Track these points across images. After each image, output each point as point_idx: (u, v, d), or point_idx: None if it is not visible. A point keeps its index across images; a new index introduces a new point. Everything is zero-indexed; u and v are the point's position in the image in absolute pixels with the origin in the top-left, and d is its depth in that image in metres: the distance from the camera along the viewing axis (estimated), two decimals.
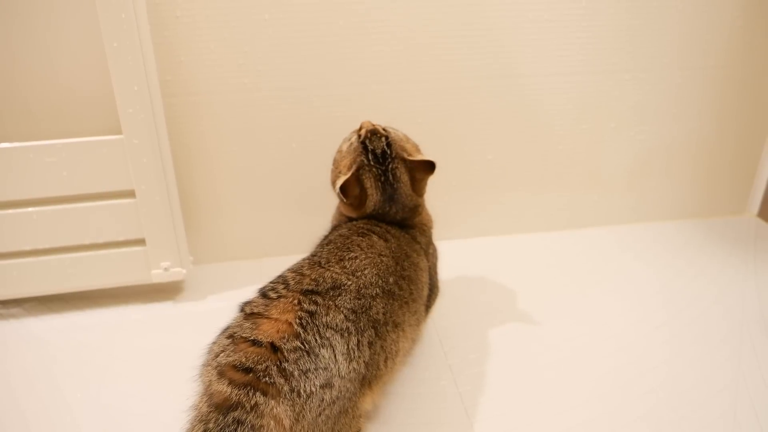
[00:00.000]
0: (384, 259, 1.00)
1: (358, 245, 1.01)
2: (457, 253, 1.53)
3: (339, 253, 0.98)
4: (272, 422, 0.75)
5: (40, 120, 1.20)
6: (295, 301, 0.85)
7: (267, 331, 0.81)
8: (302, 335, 0.81)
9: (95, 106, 1.19)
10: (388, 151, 1.08)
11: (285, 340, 0.80)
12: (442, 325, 1.32)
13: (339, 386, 0.82)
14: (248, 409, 0.75)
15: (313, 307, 0.85)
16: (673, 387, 1.16)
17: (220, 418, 0.75)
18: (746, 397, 1.14)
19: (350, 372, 0.84)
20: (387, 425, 1.08)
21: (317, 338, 0.82)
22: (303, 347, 0.80)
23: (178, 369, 1.18)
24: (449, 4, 1.33)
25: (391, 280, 0.98)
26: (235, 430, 0.74)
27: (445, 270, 1.29)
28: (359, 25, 1.31)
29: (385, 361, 0.94)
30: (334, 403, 0.82)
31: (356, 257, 0.98)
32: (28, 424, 1.06)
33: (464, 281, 1.46)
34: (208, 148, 1.37)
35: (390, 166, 1.08)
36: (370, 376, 0.91)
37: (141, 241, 1.30)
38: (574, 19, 1.40)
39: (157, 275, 1.33)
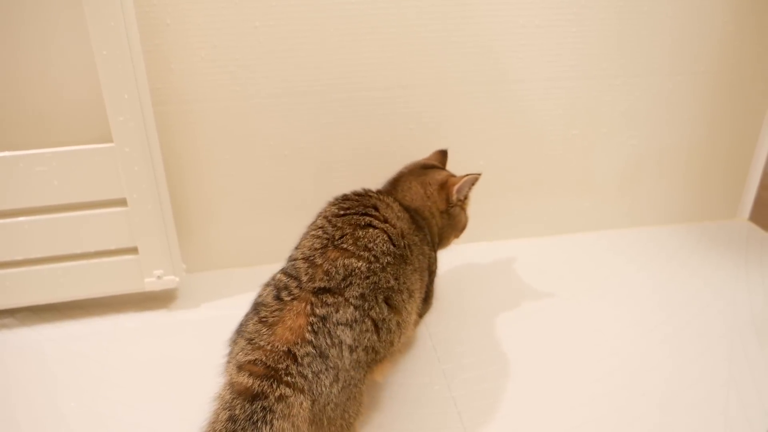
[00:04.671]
0: (398, 223, 1.03)
1: (375, 207, 1.03)
2: (450, 259, 1.53)
3: (354, 219, 0.99)
4: (302, 412, 0.80)
5: (29, 129, 1.20)
6: (308, 307, 0.87)
7: (282, 337, 0.84)
8: (314, 341, 0.84)
9: (85, 114, 1.19)
10: None
11: (298, 346, 0.83)
12: (436, 330, 1.32)
13: (344, 378, 0.85)
14: (275, 399, 0.79)
15: (324, 311, 0.86)
16: (665, 390, 1.16)
17: (246, 405, 0.78)
18: (737, 400, 1.14)
19: (351, 362, 0.87)
20: (381, 429, 1.07)
21: (328, 340, 0.85)
22: (314, 351, 0.83)
23: (173, 377, 1.18)
24: (440, 10, 1.34)
25: (401, 243, 1.00)
26: (264, 417, 0.78)
27: (438, 275, 1.29)
28: (350, 31, 1.32)
29: (401, 336, 0.96)
30: (340, 392, 0.85)
31: (371, 223, 0.99)
32: None
33: (457, 286, 1.46)
34: (200, 155, 1.37)
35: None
36: (382, 354, 0.93)
37: (133, 250, 1.29)
38: (564, 25, 1.41)
39: (150, 283, 1.32)
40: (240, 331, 0.90)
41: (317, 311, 0.86)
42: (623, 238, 1.68)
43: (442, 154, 1.32)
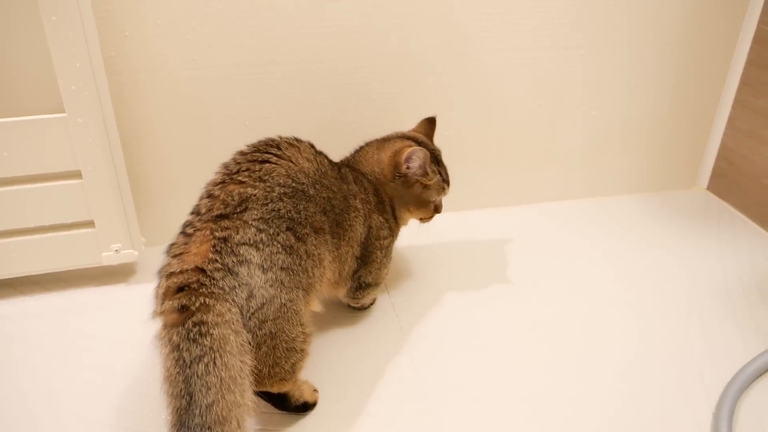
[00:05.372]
0: (303, 162, 1.04)
1: (278, 146, 1.06)
2: (412, 229, 1.53)
3: (253, 155, 1.03)
4: (234, 317, 0.85)
5: None
6: (208, 232, 0.91)
7: (190, 261, 0.88)
8: (219, 260, 0.88)
9: (35, 83, 1.15)
10: None
11: (207, 264, 0.87)
12: (399, 300, 1.32)
13: (262, 295, 0.89)
14: (200, 309, 0.82)
15: (224, 233, 0.90)
16: (624, 357, 1.19)
17: (180, 329, 0.82)
18: (693, 365, 1.17)
19: (267, 281, 0.90)
20: (343, 399, 1.08)
21: (233, 258, 0.88)
22: (223, 268, 0.87)
23: (133, 353, 1.17)
24: None
25: (303, 180, 1.01)
26: (200, 330, 0.81)
27: (400, 246, 1.29)
28: (313, 0, 1.29)
29: (313, 268, 0.98)
30: (261, 308, 0.88)
31: (268, 159, 1.02)
32: None
33: (419, 256, 1.47)
34: (157, 126, 1.33)
35: None
36: (305, 283, 0.96)
37: (90, 223, 1.26)
38: None
39: (108, 257, 1.30)
40: (158, 273, 0.93)
41: (217, 234, 0.90)
42: (586, 207, 1.70)
43: (429, 122, 1.29)
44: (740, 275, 1.42)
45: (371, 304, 1.29)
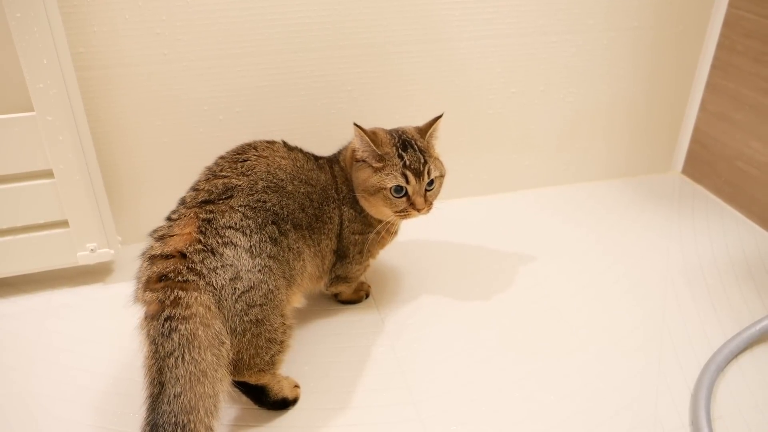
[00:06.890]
0: (279, 159, 1.07)
1: (255, 148, 1.09)
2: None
3: (234, 156, 1.07)
4: (201, 309, 0.86)
5: None
6: (192, 215, 0.95)
7: (173, 244, 0.91)
8: (202, 240, 0.91)
9: (3, 81, 1.12)
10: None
11: (189, 247, 0.90)
12: (379, 291, 1.32)
13: (249, 279, 0.92)
14: (172, 303, 0.84)
15: (209, 216, 0.94)
16: (603, 339, 1.20)
17: (155, 322, 0.84)
18: (670, 346, 1.19)
19: (256, 266, 0.93)
20: (327, 392, 1.08)
21: (218, 239, 0.92)
22: (205, 249, 0.90)
23: (111, 352, 1.15)
24: None
25: (282, 176, 1.04)
26: (170, 326, 0.83)
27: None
28: None
29: (294, 261, 1.02)
30: (248, 291, 0.91)
31: (248, 158, 1.05)
32: None
33: (398, 248, 1.46)
34: (129, 122, 1.31)
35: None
36: (288, 275, 1.00)
37: (64, 223, 1.24)
38: None
39: (84, 257, 1.28)
40: (142, 255, 0.95)
41: (202, 216, 0.94)
42: (562, 194, 1.71)
43: (436, 118, 1.18)
44: (715, 257, 1.45)
45: (361, 299, 1.30)
